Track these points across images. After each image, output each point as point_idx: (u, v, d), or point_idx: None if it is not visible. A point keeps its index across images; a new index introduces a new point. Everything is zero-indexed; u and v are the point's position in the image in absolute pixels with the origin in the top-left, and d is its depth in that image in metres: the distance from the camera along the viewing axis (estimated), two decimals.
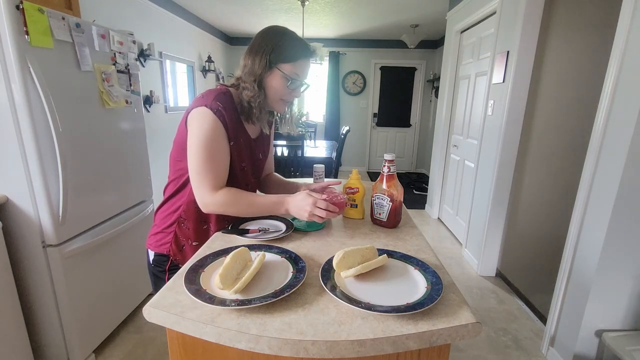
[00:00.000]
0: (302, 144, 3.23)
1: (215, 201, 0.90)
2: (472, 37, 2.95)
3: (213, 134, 0.88)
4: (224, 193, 0.90)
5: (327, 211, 0.87)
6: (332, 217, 0.91)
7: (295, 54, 0.92)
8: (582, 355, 1.55)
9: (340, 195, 0.99)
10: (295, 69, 0.93)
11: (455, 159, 3.29)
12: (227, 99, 0.92)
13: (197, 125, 0.89)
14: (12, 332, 1.38)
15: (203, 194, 0.90)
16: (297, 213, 0.89)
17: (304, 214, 0.88)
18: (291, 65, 0.92)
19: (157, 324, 0.62)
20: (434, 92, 5.50)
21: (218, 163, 0.91)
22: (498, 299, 2.24)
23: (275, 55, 0.91)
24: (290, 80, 0.94)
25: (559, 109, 2.19)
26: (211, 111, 0.88)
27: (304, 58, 0.94)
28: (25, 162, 1.32)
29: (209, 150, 0.88)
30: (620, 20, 1.36)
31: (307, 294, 0.67)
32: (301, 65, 0.94)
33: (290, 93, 0.97)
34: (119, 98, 1.75)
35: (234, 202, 0.91)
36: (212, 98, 0.89)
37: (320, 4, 3.80)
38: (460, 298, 0.66)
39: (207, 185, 0.89)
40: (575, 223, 1.58)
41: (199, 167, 0.89)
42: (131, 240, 1.89)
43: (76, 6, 1.87)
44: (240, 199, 0.92)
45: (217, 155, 0.90)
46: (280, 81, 0.93)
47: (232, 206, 0.91)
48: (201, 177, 0.89)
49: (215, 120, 0.88)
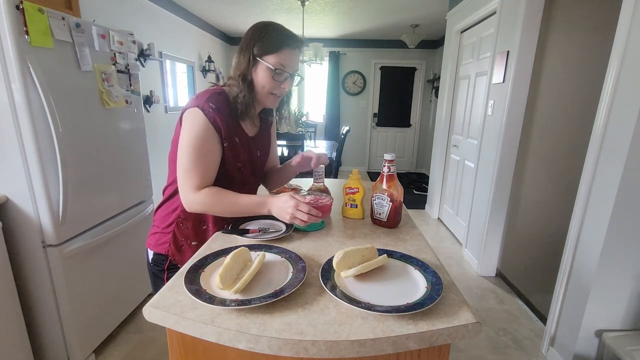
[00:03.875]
0: (302, 144, 3.24)
1: (198, 200, 0.90)
2: (472, 37, 2.95)
3: (202, 135, 0.88)
4: (206, 192, 0.90)
5: (310, 215, 0.84)
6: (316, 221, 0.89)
7: (278, 44, 0.90)
8: (582, 355, 1.55)
9: (327, 198, 0.96)
10: (279, 59, 0.91)
11: (455, 159, 3.29)
12: (221, 99, 0.92)
13: (188, 125, 0.89)
14: (12, 332, 1.37)
15: (186, 192, 0.90)
16: (279, 214, 0.88)
17: (285, 216, 0.86)
18: (275, 56, 0.90)
19: (157, 324, 0.62)
20: (434, 92, 5.50)
21: (205, 163, 0.90)
22: (498, 299, 2.24)
23: (259, 48, 0.91)
24: (276, 72, 0.92)
25: (559, 109, 2.19)
26: (202, 112, 0.88)
27: (287, 47, 0.91)
28: (25, 162, 1.32)
29: (197, 150, 0.89)
30: (620, 20, 1.36)
31: (307, 294, 0.67)
32: (286, 55, 0.91)
33: (279, 85, 0.95)
34: (119, 98, 1.75)
35: (215, 201, 0.90)
36: (205, 99, 0.89)
37: (320, 4, 3.80)
38: (460, 298, 0.66)
39: (191, 185, 0.90)
40: (575, 223, 1.58)
41: (185, 167, 0.89)
42: (131, 240, 1.89)
43: (76, 6, 1.87)
44: (222, 198, 0.91)
45: (204, 156, 0.90)
46: (265, 74, 0.92)
47: (214, 205, 0.91)
48: (186, 176, 0.90)
49: (205, 122, 0.88)
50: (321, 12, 4.11)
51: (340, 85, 5.90)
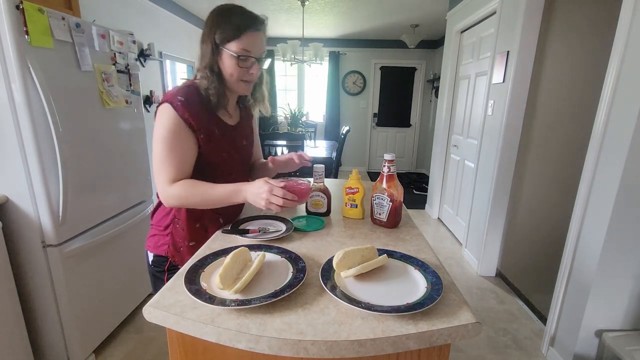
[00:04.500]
0: (302, 144, 3.24)
1: (172, 194, 0.89)
2: (472, 37, 2.95)
3: (171, 128, 0.88)
4: (180, 185, 0.89)
5: (285, 199, 0.82)
6: (291, 206, 0.86)
7: (239, 29, 0.87)
8: (582, 356, 1.55)
9: (304, 183, 0.93)
10: (242, 44, 0.88)
11: (455, 159, 3.29)
12: (191, 91, 0.91)
13: (158, 121, 0.90)
14: (12, 332, 1.37)
15: (162, 187, 0.90)
16: (254, 201, 0.86)
17: (260, 202, 0.84)
18: (237, 42, 0.88)
19: (157, 324, 0.62)
20: (434, 92, 5.50)
21: (177, 157, 0.90)
22: (498, 299, 2.24)
23: (219, 36, 0.89)
24: (240, 58, 0.89)
25: (559, 109, 2.19)
26: (171, 106, 0.88)
27: (249, 31, 0.88)
28: (25, 162, 1.32)
29: (168, 144, 0.88)
30: (620, 20, 1.36)
31: (307, 294, 0.67)
32: (248, 39, 0.88)
33: (247, 72, 0.92)
34: (119, 98, 1.75)
35: (189, 193, 0.89)
36: (174, 93, 0.89)
37: (320, 4, 3.80)
38: (460, 298, 0.66)
39: (164, 179, 0.89)
40: (575, 223, 1.58)
41: (158, 161, 0.89)
42: (131, 240, 1.89)
43: (76, 6, 1.87)
44: (194, 189, 0.89)
45: (176, 150, 0.89)
46: (231, 62, 0.90)
47: (188, 197, 0.90)
48: (159, 171, 0.90)
49: (174, 115, 0.88)
50: (321, 12, 4.11)
51: (340, 85, 5.90)
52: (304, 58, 4.12)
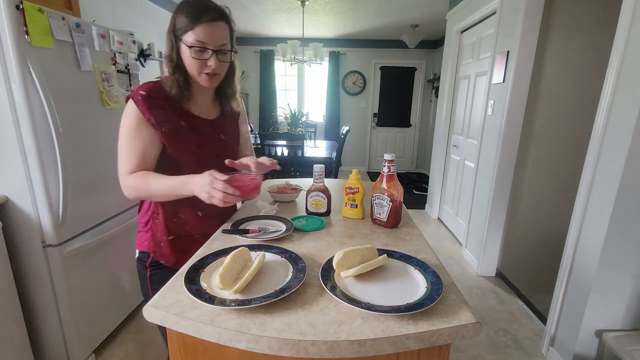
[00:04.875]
0: (302, 144, 3.23)
1: (126, 184, 0.92)
2: (472, 37, 2.95)
3: (131, 122, 0.90)
4: (133, 177, 0.91)
5: (226, 194, 0.79)
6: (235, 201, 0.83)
7: (192, 20, 0.86)
8: (582, 356, 1.55)
9: (253, 177, 0.90)
10: (196, 36, 0.86)
11: (455, 159, 3.29)
12: (154, 86, 0.92)
13: (123, 115, 0.92)
14: (12, 331, 1.37)
15: (120, 179, 0.93)
16: (199, 194, 0.84)
17: (203, 195, 0.82)
18: (191, 33, 0.86)
19: (157, 324, 0.62)
20: (434, 92, 5.50)
21: (135, 149, 0.91)
22: (498, 299, 2.24)
23: (176, 31, 0.89)
24: (193, 50, 0.87)
25: (559, 109, 2.19)
26: (132, 100, 0.90)
27: (202, 22, 0.86)
28: (25, 162, 1.32)
29: (126, 137, 0.91)
30: (621, 20, 1.36)
31: (307, 294, 0.67)
32: (202, 30, 0.86)
33: (204, 64, 0.90)
34: (119, 98, 1.75)
35: (140, 184, 0.90)
36: (138, 88, 0.91)
37: (320, 4, 3.80)
38: (460, 298, 0.66)
39: (122, 171, 0.92)
40: (575, 223, 1.58)
41: (119, 154, 0.92)
42: (131, 240, 1.87)
43: (76, 6, 1.87)
44: (144, 180, 0.90)
45: (134, 142, 0.91)
46: (188, 55, 0.89)
47: (141, 189, 0.91)
48: (119, 164, 0.93)
49: (134, 109, 0.90)
50: (321, 12, 4.11)
51: (340, 85, 5.90)
52: (304, 58, 4.12)
